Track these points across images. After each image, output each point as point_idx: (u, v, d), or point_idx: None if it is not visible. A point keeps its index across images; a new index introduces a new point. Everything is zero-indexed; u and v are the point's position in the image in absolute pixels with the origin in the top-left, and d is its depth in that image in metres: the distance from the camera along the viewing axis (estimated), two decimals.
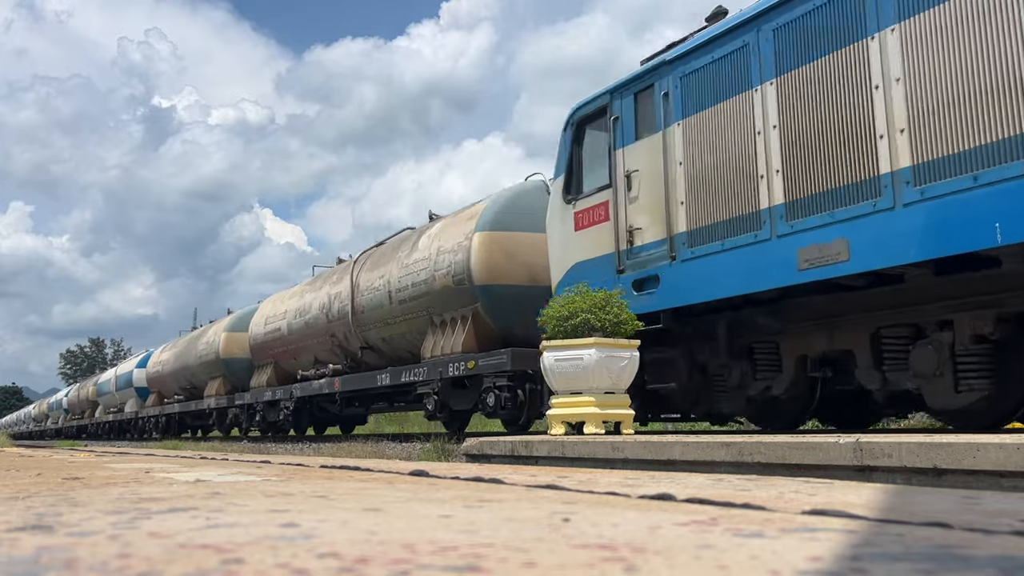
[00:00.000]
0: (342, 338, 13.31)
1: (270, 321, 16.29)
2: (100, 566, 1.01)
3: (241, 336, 18.39)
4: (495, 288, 9.93)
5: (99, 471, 3.51)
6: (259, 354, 16.71)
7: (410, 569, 0.97)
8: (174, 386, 22.67)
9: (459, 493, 2.07)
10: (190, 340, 22.21)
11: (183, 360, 21.81)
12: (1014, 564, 0.99)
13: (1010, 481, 3.03)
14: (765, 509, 1.61)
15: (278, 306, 16.36)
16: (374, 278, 12.41)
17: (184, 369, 21.57)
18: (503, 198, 10.60)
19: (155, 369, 24.79)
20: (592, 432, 5.98)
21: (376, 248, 13.69)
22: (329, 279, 14.42)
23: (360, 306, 12.60)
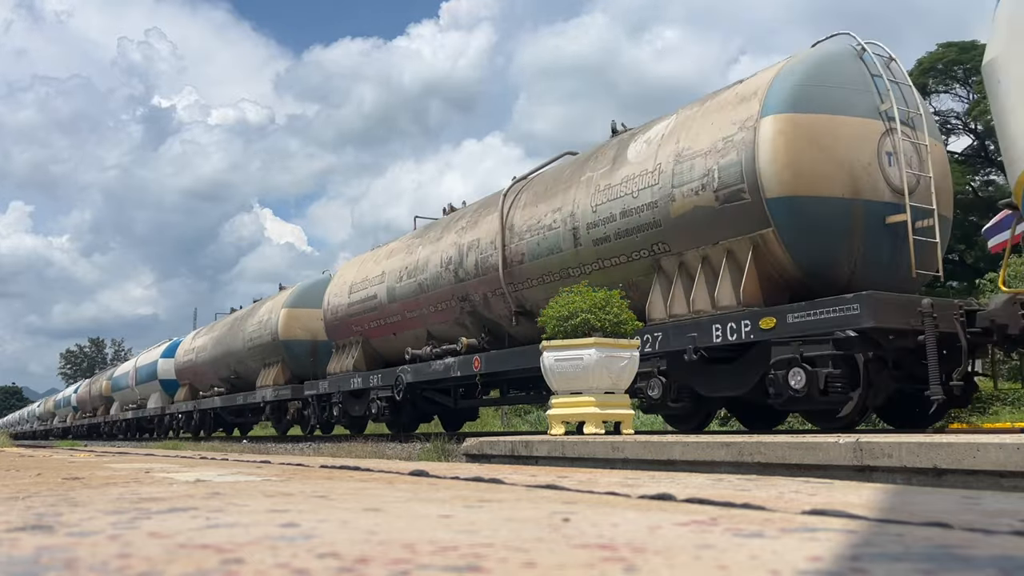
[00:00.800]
0: (479, 302, 10.02)
1: (358, 288, 12.80)
2: (100, 566, 1.01)
3: (306, 313, 15.57)
4: (804, 202, 6.54)
5: (99, 471, 3.51)
6: (340, 331, 13.36)
7: (410, 569, 0.97)
8: (212, 377, 19.63)
9: (459, 493, 2.07)
10: (234, 322, 18.96)
11: (225, 345, 18.72)
12: (1014, 564, 0.99)
13: (1010, 481, 3.03)
14: (765, 509, 1.61)
15: (368, 268, 12.85)
16: (541, 214, 9.01)
17: (227, 356, 18.57)
18: (804, 65, 7.10)
19: (187, 358, 21.59)
20: (592, 432, 5.99)
21: (535, 175, 10.09)
22: (454, 226, 10.85)
23: (515, 255, 9.24)
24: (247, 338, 17.35)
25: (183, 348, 22.64)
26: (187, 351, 21.92)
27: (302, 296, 15.89)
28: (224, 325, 19.97)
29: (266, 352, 16.41)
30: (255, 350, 16.92)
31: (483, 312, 10.10)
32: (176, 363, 22.77)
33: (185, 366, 21.84)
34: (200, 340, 21.13)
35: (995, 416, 17.01)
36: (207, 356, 19.99)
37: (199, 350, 20.76)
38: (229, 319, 20.07)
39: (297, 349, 15.64)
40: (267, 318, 16.43)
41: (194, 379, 21.28)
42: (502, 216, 9.60)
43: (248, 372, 17.43)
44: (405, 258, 11.86)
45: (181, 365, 22.27)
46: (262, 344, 16.52)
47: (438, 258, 10.87)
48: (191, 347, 21.68)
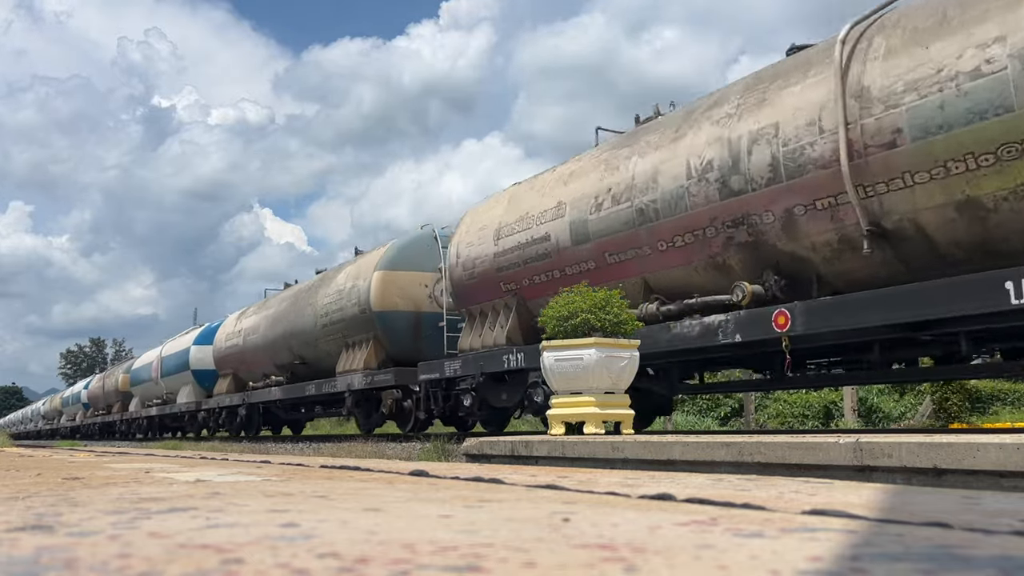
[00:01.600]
0: (773, 225, 6.45)
1: (511, 231, 9.32)
2: (100, 566, 1.01)
3: (407, 277, 12.39)
4: None
5: (99, 471, 3.51)
6: (478, 292, 9.89)
7: (410, 569, 0.97)
8: (266, 363, 16.23)
9: (459, 493, 2.07)
10: (297, 295, 15.49)
11: (287, 324, 15.30)
12: (1014, 564, 0.99)
13: (1010, 481, 3.03)
14: (765, 509, 1.61)
15: (527, 203, 9.33)
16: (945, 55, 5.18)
17: (288, 337, 15.17)
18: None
19: (231, 343, 18.13)
20: (592, 432, 5.99)
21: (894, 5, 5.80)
22: (710, 114, 7.20)
23: (878, 134, 5.70)
24: (320, 313, 13.85)
25: (224, 332, 18.97)
26: (230, 335, 18.31)
27: (401, 256, 12.53)
28: (282, 300, 16.30)
29: (351, 328, 12.92)
30: (333, 327, 13.47)
31: (776, 243, 6.50)
32: (216, 350, 19.21)
33: (228, 353, 18.30)
34: (248, 321, 17.58)
35: (995, 416, 17.01)
36: (259, 339, 16.54)
37: (248, 333, 17.29)
38: (289, 293, 16.39)
39: (396, 323, 12.10)
40: (351, 286, 12.98)
41: (240, 367, 17.80)
42: (842, 75, 5.97)
43: (320, 356, 14.10)
44: (603, 178, 8.19)
45: (223, 352, 18.64)
46: (345, 319, 13.06)
47: (681, 166, 7.20)
48: (236, 330, 18.11)
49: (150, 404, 24.31)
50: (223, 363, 18.79)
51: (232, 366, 18.26)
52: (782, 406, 19.20)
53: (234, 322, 18.82)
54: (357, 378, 12.45)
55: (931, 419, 16.88)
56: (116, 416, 28.90)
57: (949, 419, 16.73)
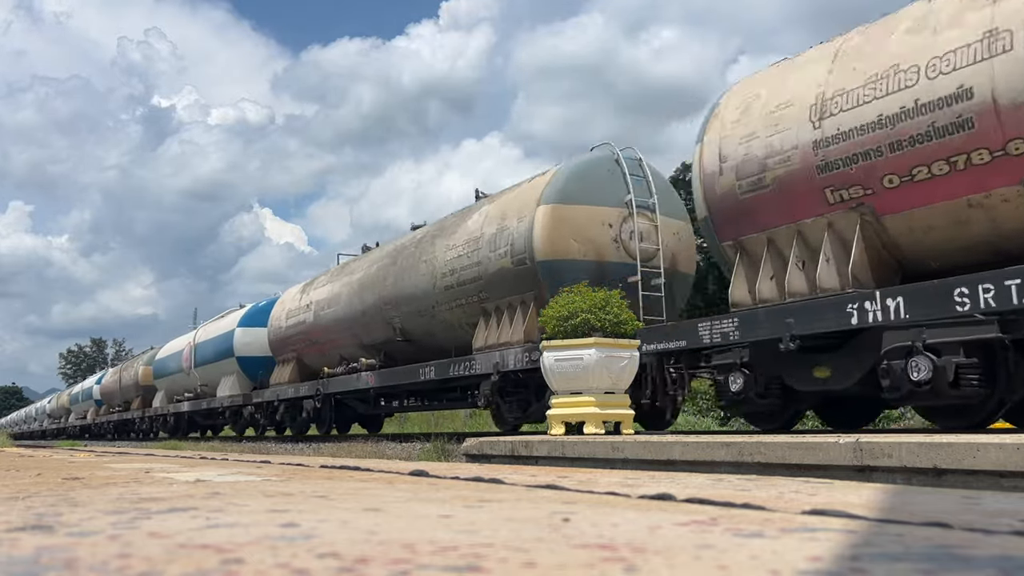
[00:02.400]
0: None
1: (847, 103, 6.06)
2: (100, 566, 1.01)
3: (585, 213, 8.98)
4: None
5: (99, 471, 3.51)
6: (765, 211, 6.64)
7: (410, 569, 0.97)
8: (349, 343, 12.93)
9: (459, 493, 2.07)
10: (400, 252, 11.88)
11: (386, 289, 11.74)
12: (1014, 564, 0.99)
13: (1010, 481, 3.03)
14: (765, 509, 1.61)
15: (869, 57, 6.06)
16: None
17: (389, 306, 11.59)
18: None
19: (295, 321, 14.73)
20: (592, 432, 5.99)
21: None
22: None
23: None
24: (442, 271, 10.40)
25: (284, 309, 15.48)
26: (293, 312, 14.87)
27: (575, 185, 9.05)
28: (373, 263, 12.62)
29: (496, 287, 9.45)
30: (464, 289, 10.00)
31: None
32: (273, 331, 15.79)
33: (291, 334, 14.88)
34: (321, 292, 14.09)
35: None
36: (339, 313, 13.07)
37: (321, 306, 13.82)
38: (383, 252, 12.74)
39: (571, 277, 8.11)
40: (496, 230, 9.54)
41: (307, 351, 14.47)
42: None
43: (436, 329, 10.83)
44: None
45: (283, 333, 15.21)
46: (486, 275, 9.58)
47: None
48: (301, 304, 14.65)
49: (179, 398, 20.97)
50: (283, 346, 15.30)
51: (296, 349, 14.85)
52: None
53: (297, 296, 15.13)
54: (513, 355, 8.81)
55: None
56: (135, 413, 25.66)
57: None
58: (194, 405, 19.78)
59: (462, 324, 10.41)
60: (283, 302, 16.16)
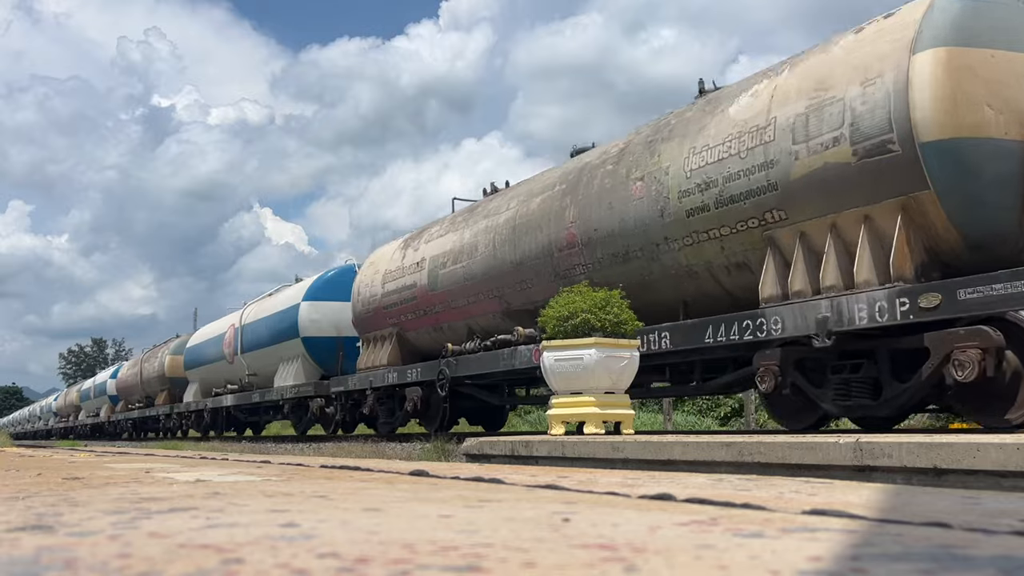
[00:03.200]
0: None
1: None
2: (100, 566, 1.01)
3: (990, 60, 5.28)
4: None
5: (99, 471, 3.51)
6: None
7: (410, 569, 0.97)
8: (484, 308, 9.76)
9: (459, 493, 2.07)
10: (585, 172, 8.43)
11: (560, 225, 8.43)
12: (1014, 564, 0.99)
13: (1010, 481, 3.03)
14: (765, 509, 1.61)
15: None
16: None
17: (563, 250, 8.32)
18: None
19: (397, 284, 11.35)
20: (592, 432, 5.99)
21: None
22: None
23: None
24: (682, 187, 7.07)
25: (378, 271, 12.06)
26: (395, 273, 11.52)
27: (987, 20, 5.54)
28: (534, 193, 9.22)
29: (807, 199, 6.10)
30: (724, 212, 6.72)
31: None
32: (360, 302, 12.33)
33: (390, 303, 11.52)
34: (438, 244, 10.75)
35: None
36: (474, 269, 9.77)
37: (439, 263, 10.52)
38: (550, 177, 9.20)
39: (987, 163, 5.32)
40: (805, 108, 6.15)
41: (416, 323, 11.15)
42: None
43: (652, 276, 7.52)
44: None
45: (377, 303, 11.84)
46: (792, 181, 6.15)
47: None
48: (409, 262, 11.26)
49: (219, 391, 17.95)
50: (375, 321, 11.98)
51: (397, 323, 11.49)
52: None
53: (397, 253, 11.78)
54: (867, 304, 5.60)
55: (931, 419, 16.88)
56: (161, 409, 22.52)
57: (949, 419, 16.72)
58: (241, 398, 16.62)
59: (717, 265, 7.00)
60: (373, 264, 12.47)
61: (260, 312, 16.80)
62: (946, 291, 5.20)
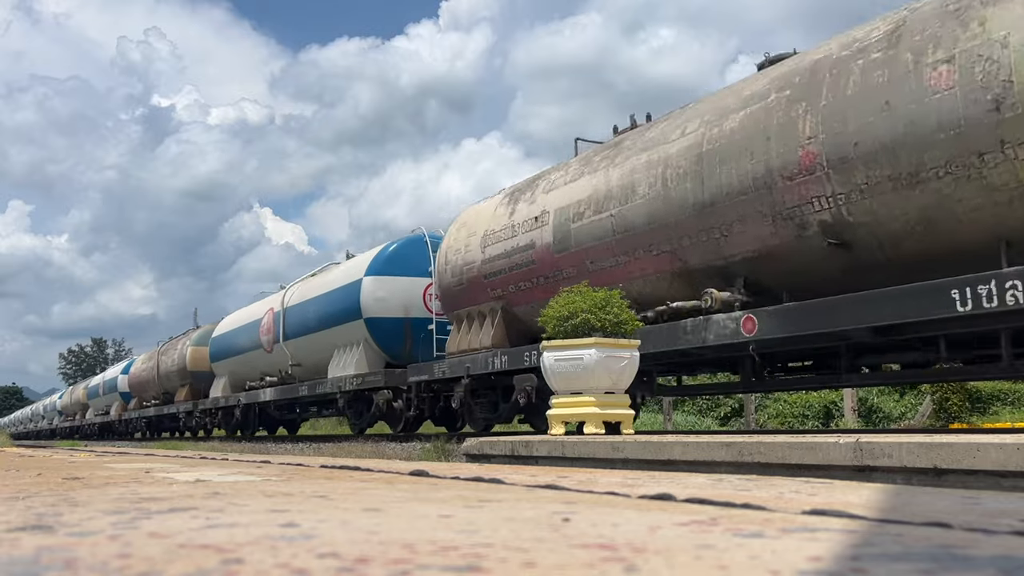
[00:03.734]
0: None
1: None
2: (100, 566, 1.01)
3: None
4: None
5: (99, 471, 3.52)
6: None
7: (410, 569, 0.97)
8: (643, 268, 7.63)
9: (459, 493, 2.07)
10: (813, 71, 6.15)
11: (788, 144, 6.08)
12: (1014, 564, 0.99)
13: (1010, 481, 3.03)
14: (765, 509, 1.61)
15: None
16: None
17: (802, 174, 5.91)
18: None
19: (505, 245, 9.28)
20: (592, 432, 5.99)
21: None
22: None
23: None
24: None
25: (475, 232, 9.88)
26: (499, 233, 9.41)
27: None
28: (728, 110, 6.93)
29: None
30: None
31: None
32: (450, 270, 10.20)
33: (496, 270, 9.41)
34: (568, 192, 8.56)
35: (995, 416, 17.02)
36: (630, 218, 7.64)
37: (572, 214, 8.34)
38: (764, 79, 6.81)
39: None
40: None
41: (531, 294, 8.96)
42: None
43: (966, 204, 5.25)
44: None
45: (476, 270, 9.72)
46: None
47: None
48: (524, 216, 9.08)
49: (254, 384, 15.86)
50: (472, 293, 9.71)
51: (503, 295, 9.25)
52: (782, 406, 19.20)
53: (503, 208, 9.47)
54: None
55: (931, 419, 16.89)
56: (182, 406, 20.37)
57: (949, 419, 16.74)
58: (284, 392, 14.34)
59: None
60: (466, 226, 10.04)
61: (308, 292, 14.29)
62: None
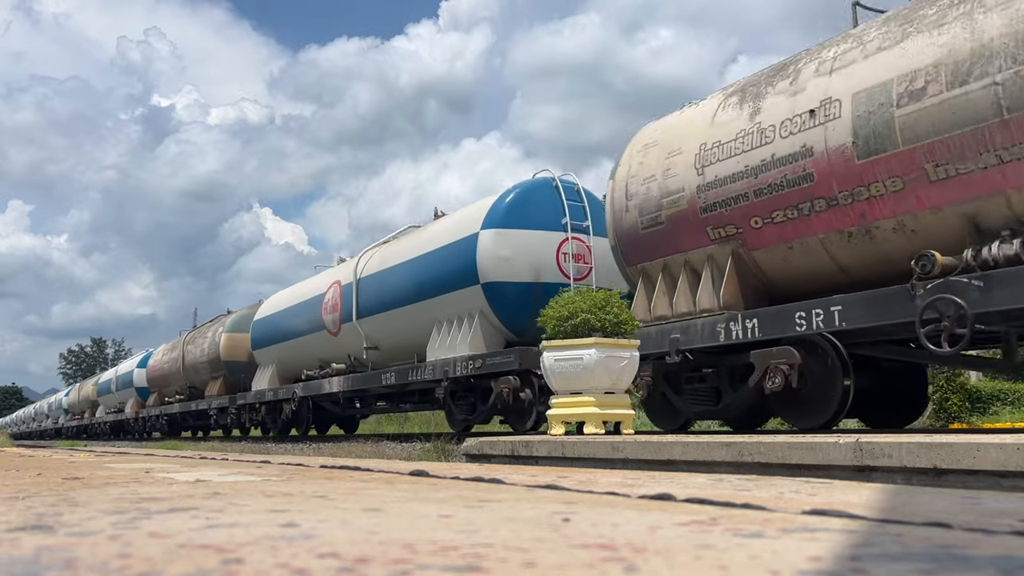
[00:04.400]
0: None
1: None
2: (100, 566, 1.01)
3: None
4: None
5: (99, 471, 3.51)
6: None
7: (410, 569, 0.97)
8: None
9: (459, 493, 2.07)
10: None
11: None
12: (1014, 564, 0.99)
13: (1010, 481, 3.03)
14: (765, 509, 1.61)
15: None
16: None
17: None
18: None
19: (731, 162, 6.62)
20: (592, 432, 5.99)
21: None
22: None
23: None
24: None
25: (687, 147, 7.19)
26: (745, 140, 6.65)
27: None
28: None
29: None
30: None
31: None
32: (636, 205, 7.62)
33: (734, 189, 6.69)
34: (844, 76, 6.03)
35: (995, 416, 17.03)
36: None
37: (889, 94, 5.63)
38: None
39: None
40: None
41: (801, 225, 6.33)
42: None
43: None
44: None
45: (686, 203, 7.09)
46: None
47: None
48: (778, 117, 6.43)
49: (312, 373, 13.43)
50: (678, 237, 7.28)
51: (730, 235, 6.83)
52: None
53: (731, 113, 6.94)
54: None
55: (931, 419, 16.90)
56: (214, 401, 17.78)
57: (949, 419, 16.75)
58: (360, 381, 11.76)
59: None
60: (657, 145, 7.52)
61: (391, 257, 11.55)
62: None
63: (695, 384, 7.38)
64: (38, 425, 46.35)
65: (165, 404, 21.84)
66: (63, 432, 36.44)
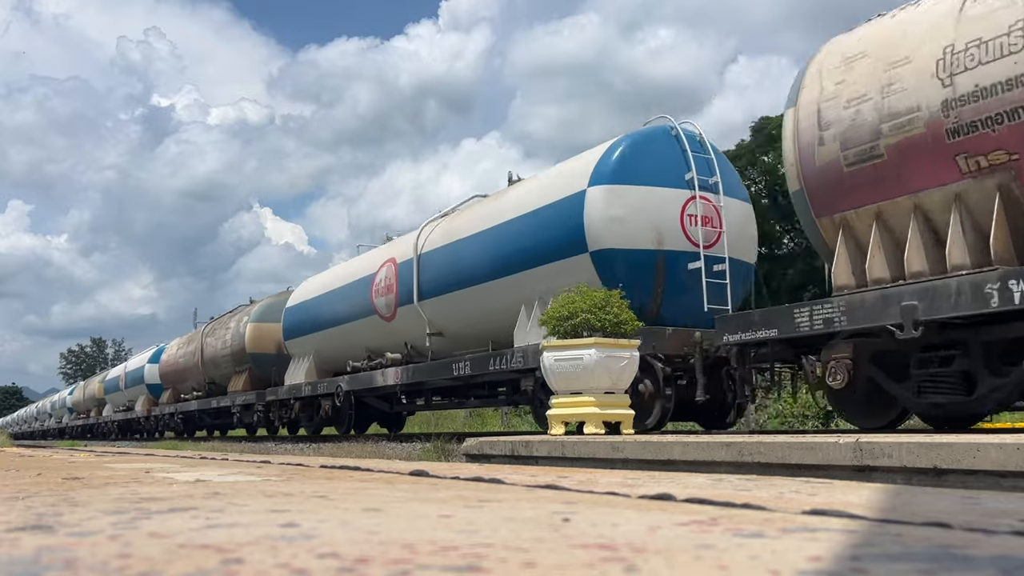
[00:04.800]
0: None
1: None
2: (100, 566, 1.01)
3: None
4: None
5: (99, 471, 3.51)
6: None
7: (410, 569, 0.97)
8: None
9: (459, 493, 2.07)
10: None
11: None
12: (1014, 564, 0.99)
13: (1010, 481, 3.03)
14: (765, 509, 1.61)
15: None
16: None
17: None
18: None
19: None
20: (592, 432, 5.99)
21: None
22: None
23: None
24: None
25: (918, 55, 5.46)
26: None
27: None
28: None
29: None
30: None
31: None
32: (836, 135, 5.91)
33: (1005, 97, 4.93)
34: None
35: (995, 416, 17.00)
36: None
37: None
38: None
39: None
40: None
41: None
42: None
43: None
44: None
45: (924, 123, 5.39)
46: None
47: None
48: None
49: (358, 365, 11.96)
50: (897, 172, 5.64)
51: (996, 160, 5.11)
52: (782, 406, 19.18)
53: None
54: None
55: None
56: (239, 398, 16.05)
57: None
58: (423, 373, 10.23)
59: None
60: (863, 55, 5.92)
61: (462, 228, 9.94)
62: None
63: (932, 368, 5.58)
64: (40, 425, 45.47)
65: (181, 401, 20.08)
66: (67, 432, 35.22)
